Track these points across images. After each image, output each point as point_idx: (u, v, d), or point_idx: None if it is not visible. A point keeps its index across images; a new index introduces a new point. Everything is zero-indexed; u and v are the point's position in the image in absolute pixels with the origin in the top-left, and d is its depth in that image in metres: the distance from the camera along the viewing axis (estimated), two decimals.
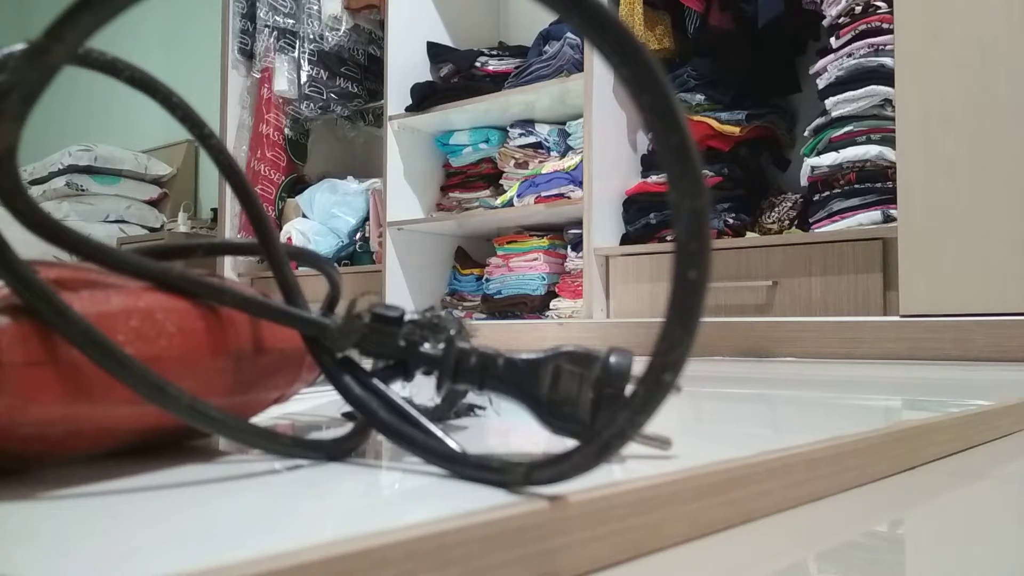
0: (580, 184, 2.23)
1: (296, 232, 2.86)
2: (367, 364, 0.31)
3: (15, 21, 5.09)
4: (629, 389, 0.26)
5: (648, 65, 0.19)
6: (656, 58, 0.19)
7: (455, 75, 2.62)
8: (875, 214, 1.78)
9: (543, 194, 2.35)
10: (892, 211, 1.70)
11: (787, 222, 2.01)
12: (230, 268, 3.03)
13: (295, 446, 0.29)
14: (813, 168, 1.89)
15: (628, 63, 0.19)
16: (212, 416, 0.26)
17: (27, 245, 0.29)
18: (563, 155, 2.42)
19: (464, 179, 2.69)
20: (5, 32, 4.76)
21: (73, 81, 4.43)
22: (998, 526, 0.32)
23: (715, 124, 2.09)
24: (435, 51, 2.71)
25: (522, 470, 0.24)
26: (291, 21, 2.98)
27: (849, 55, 1.85)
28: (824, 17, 1.92)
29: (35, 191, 3.83)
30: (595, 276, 2.17)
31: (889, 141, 1.75)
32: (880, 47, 1.80)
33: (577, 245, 2.29)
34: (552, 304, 2.36)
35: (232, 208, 3.10)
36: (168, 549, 0.19)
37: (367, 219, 2.90)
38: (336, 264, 2.52)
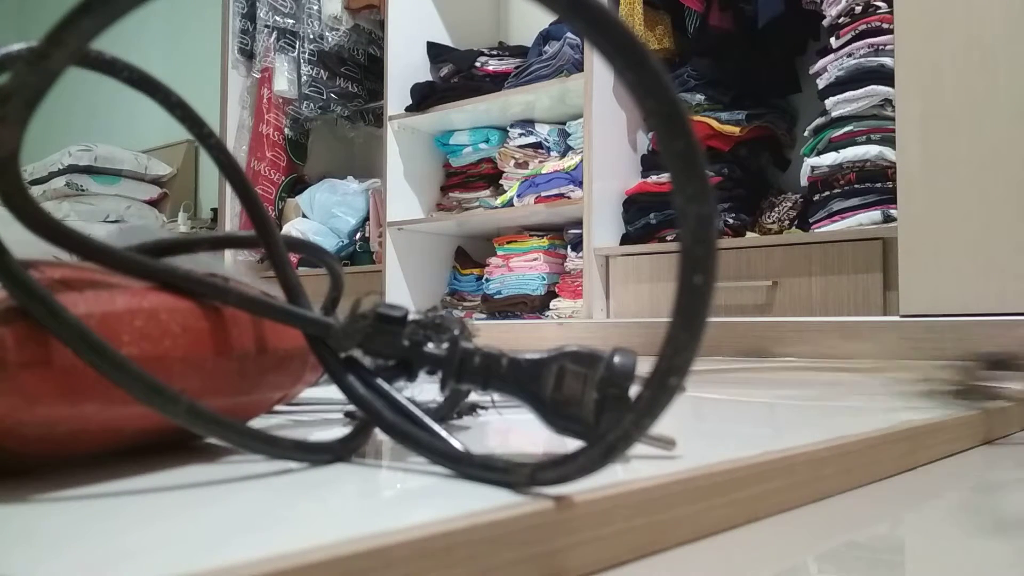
0: (580, 184, 2.23)
1: (296, 232, 2.86)
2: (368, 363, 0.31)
3: (15, 21, 5.09)
4: (633, 389, 0.26)
5: (653, 69, 0.19)
6: (660, 61, 0.19)
7: (455, 75, 2.62)
8: (875, 214, 1.78)
9: (543, 194, 2.35)
10: (892, 211, 1.70)
11: (787, 222, 2.01)
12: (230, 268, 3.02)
13: (297, 449, 0.29)
14: (813, 168, 1.89)
15: (632, 67, 0.19)
16: (212, 420, 0.26)
17: (29, 246, 0.29)
18: (563, 155, 2.42)
19: (464, 179, 2.69)
20: (5, 32, 4.76)
21: (73, 81, 4.42)
22: (998, 526, 0.32)
23: (715, 124, 2.09)
24: (435, 51, 2.71)
25: (527, 471, 0.24)
26: (291, 21, 2.98)
27: (849, 55, 1.85)
28: (824, 17, 1.92)
29: (35, 191, 3.83)
30: (595, 276, 2.17)
31: (889, 141, 1.75)
32: (880, 47, 1.80)
33: (577, 245, 2.29)
34: (552, 304, 2.36)
35: (232, 208, 3.10)
36: (172, 550, 0.19)
37: (367, 219, 2.90)
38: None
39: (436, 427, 0.28)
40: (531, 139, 2.50)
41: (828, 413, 0.52)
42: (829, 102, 1.88)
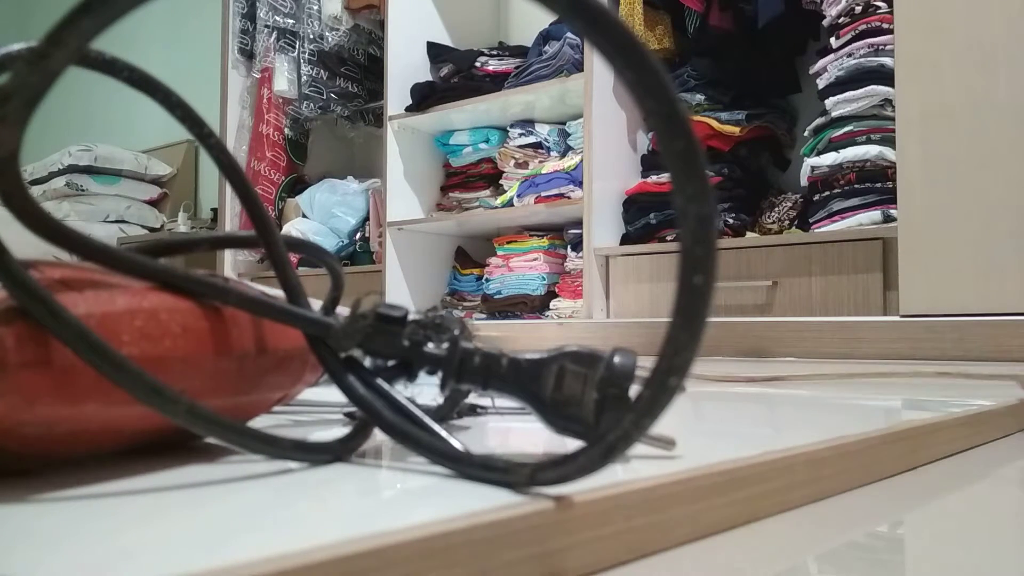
0: (580, 184, 2.24)
1: (296, 232, 2.86)
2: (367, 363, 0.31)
3: (15, 21, 5.09)
4: (633, 389, 0.26)
5: (653, 69, 0.19)
6: (660, 61, 0.19)
7: (455, 75, 2.62)
8: (875, 214, 1.79)
9: (543, 194, 2.35)
10: (892, 211, 1.70)
11: (787, 222, 2.01)
12: (230, 268, 3.03)
13: (296, 449, 0.29)
14: (813, 168, 1.90)
15: (632, 67, 0.19)
16: (212, 420, 0.26)
17: (29, 246, 0.29)
18: (563, 155, 2.43)
19: (464, 179, 2.69)
20: (5, 32, 4.76)
21: (73, 81, 4.42)
22: (998, 526, 0.32)
23: (715, 124, 2.09)
24: (435, 51, 2.71)
25: (527, 471, 0.24)
26: (291, 21, 2.98)
27: (849, 55, 1.85)
28: (824, 17, 1.92)
29: (35, 191, 3.83)
30: (595, 276, 2.17)
31: (889, 141, 1.75)
32: (880, 47, 1.80)
33: (577, 245, 2.29)
34: (552, 304, 2.36)
35: (232, 208, 3.10)
36: (172, 550, 0.19)
37: (367, 219, 2.90)
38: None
39: (436, 427, 0.28)
40: (531, 139, 2.50)
41: (827, 413, 0.52)
42: (829, 102, 1.88)
